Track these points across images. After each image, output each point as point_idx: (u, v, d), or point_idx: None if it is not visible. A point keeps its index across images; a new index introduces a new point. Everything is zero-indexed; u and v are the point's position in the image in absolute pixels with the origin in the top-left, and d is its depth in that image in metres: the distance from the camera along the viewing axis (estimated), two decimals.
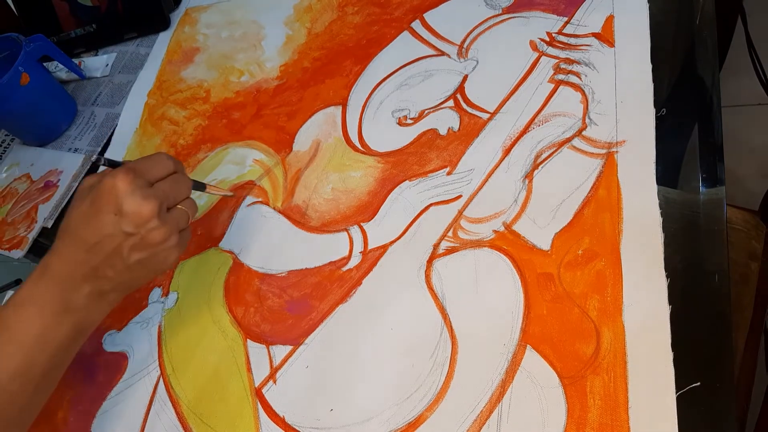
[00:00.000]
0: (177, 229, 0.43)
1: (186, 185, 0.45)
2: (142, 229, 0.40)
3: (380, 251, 0.50)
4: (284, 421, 0.45)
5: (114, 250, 0.41)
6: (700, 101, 0.48)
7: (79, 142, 0.74)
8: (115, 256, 0.41)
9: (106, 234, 0.40)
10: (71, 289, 0.41)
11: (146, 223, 0.40)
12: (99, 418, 0.50)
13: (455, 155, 0.53)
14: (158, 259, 0.43)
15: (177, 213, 0.43)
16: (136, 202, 0.40)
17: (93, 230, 0.40)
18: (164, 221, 0.41)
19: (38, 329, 0.40)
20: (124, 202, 0.40)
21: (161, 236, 0.41)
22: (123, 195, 0.40)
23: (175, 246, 0.43)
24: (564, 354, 0.40)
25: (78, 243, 0.41)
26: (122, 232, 0.40)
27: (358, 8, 0.68)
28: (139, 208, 0.40)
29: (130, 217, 0.40)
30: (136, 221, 0.40)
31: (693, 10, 0.52)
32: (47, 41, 0.71)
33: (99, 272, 0.41)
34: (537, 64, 0.55)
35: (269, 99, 0.66)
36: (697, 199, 0.43)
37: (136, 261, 0.42)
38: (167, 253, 0.43)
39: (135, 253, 0.41)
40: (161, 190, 0.42)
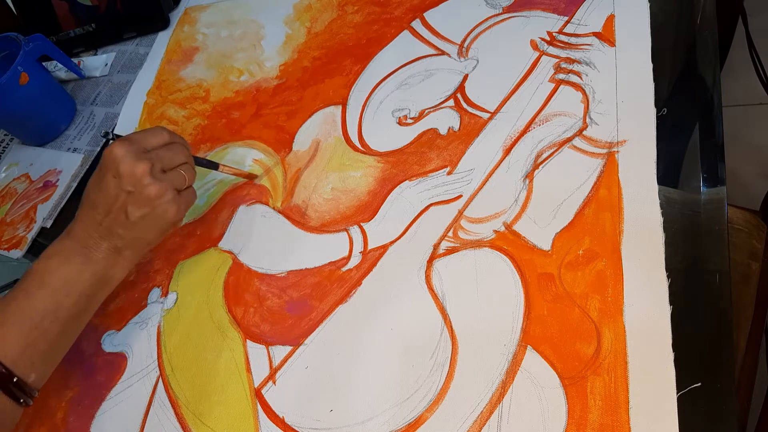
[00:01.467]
0: (172, 186, 0.48)
1: (182, 153, 0.50)
2: (138, 185, 0.46)
3: (380, 251, 0.50)
4: (284, 422, 0.45)
5: (119, 208, 0.47)
6: (701, 101, 0.47)
7: (78, 142, 0.74)
8: (120, 213, 0.47)
9: (111, 194, 0.46)
10: (90, 246, 0.47)
11: (141, 180, 0.46)
12: (98, 418, 0.50)
13: (455, 155, 0.53)
14: (158, 213, 0.47)
15: (172, 173, 0.49)
16: (129, 163, 0.45)
17: (100, 193, 0.47)
18: (158, 178, 0.47)
19: (64, 276, 0.46)
20: (120, 165, 0.46)
21: (156, 191, 0.46)
22: (119, 159, 0.46)
23: (172, 201, 0.48)
24: (564, 354, 0.40)
25: (91, 206, 0.47)
26: (123, 191, 0.46)
27: (358, 7, 0.68)
28: (133, 167, 0.45)
29: (126, 177, 0.46)
30: (131, 180, 0.46)
31: (694, 10, 0.52)
32: (46, 41, 0.71)
33: (111, 230, 0.47)
34: (537, 64, 0.55)
35: (269, 98, 0.65)
36: (698, 199, 0.43)
37: (139, 217, 0.47)
38: (165, 207, 0.47)
39: (136, 209, 0.46)
40: (154, 154, 0.48)
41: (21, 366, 0.43)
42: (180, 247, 0.58)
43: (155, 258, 0.58)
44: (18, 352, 0.43)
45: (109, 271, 0.48)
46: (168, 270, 0.57)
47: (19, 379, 0.43)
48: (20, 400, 0.43)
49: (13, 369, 0.43)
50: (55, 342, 0.46)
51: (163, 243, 0.58)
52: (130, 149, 0.46)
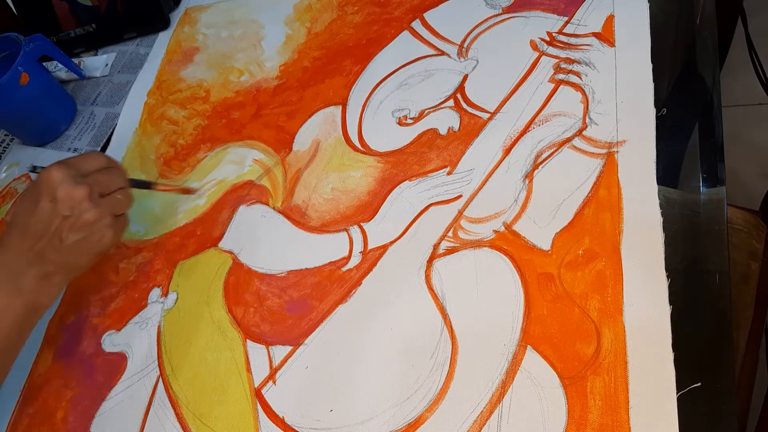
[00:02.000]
0: (110, 211, 0.47)
1: (120, 177, 0.50)
2: (76, 210, 0.45)
3: (380, 251, 0.50)
4: (284, 422, 0.45)
5: (53, 232, 0.45)
6: (701, 101, 0.47)
7: (78, 142, 0.74)
8: (54, 238, 0.45)
9: (45, 219, 0.45)
10: (19, 274, 0.46)
11: (79, 204, 0.45)
12: (98, 418, 0.50)
13: (455, 155, 0.53)
14: (94, 239, 0.47)
15: (110, 198, 0.48)
16: (68, 187, 0.45)
17: (34, 218, 0.45)
18: (96, 203, 0.46)
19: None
20: (58, 189, 0.45)
21: (93, 216, 0.46)
22: (56, 183, 0.45)
23: (109, 226, 0.47)
24: (564, 354, 0.40)
25: (22, 232, 0.46)
26: (59, 216, 0.45)
27: (358, 8, 0.68)
28: (70, 191, 0.45)
29: (64, 201, 0.45)
30: (69, 204, 0.45)
31: (693, 10, 0.52)
32: (47, 41, 0.71)
33: (42, 256, 0.46)
34: (537, 64, 0.55)
35: (269, 99, 0.65)
36: (698, 199, 0.43)
37: (75, 241, 0.46)
38: (102, 232, 0.47)
39: (72, 234, 0.46)
40: (92, 178, 0.47)
41: None
42: (180, 247, 0.58)
43: (155, 258, 0.58)
44: None
45: (38, 299, 0.46)
46: (168, 270, 0.57)
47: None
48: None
49: None
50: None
51: (163, 243, 0.58)
52: (68, 173, 0.45)
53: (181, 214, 0.60)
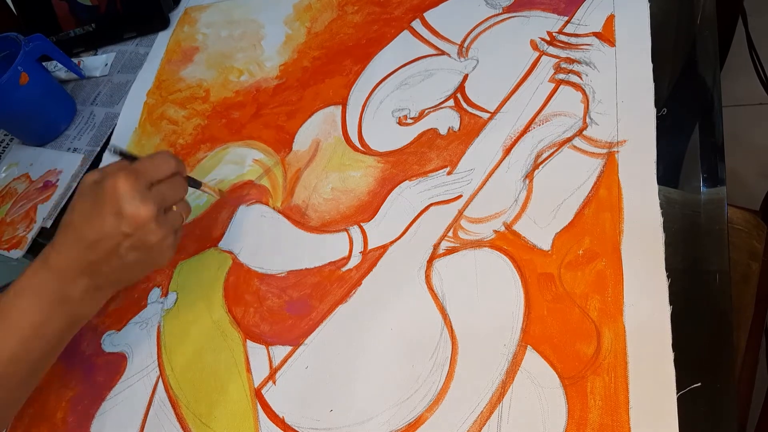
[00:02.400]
0: (172, 230, 0.46)
1: (183, 188, 0.48)
2: (140, 231, 0.43)
3: (380, 251, 0.50)
4: (284, 422, 0.45)
5: (112, 248, 0.43)
6: (701, 101, 0.47)
7: (78, 142, 0.74)
8: (112, 255, 0.43)
9: (106, 233, 0.42)
10: (69, 283, 0.43)
11: (144, 225, 0.42)
12: (98, 418, 0.50)
13: (455, 155, 0.53)
14: (153, 257, 0.45)
15: (173, 215, 0.46)
16: (135, 205, 0.42)
17: (93, 229, 0.42)
18: (161, 224, 0.44)
19: (36, 319, 0.42)
20: (124, 205, 0.42)
21: (157, 238, 0.44)
22: (123, 197, 0.42)
23: (171, 246, 0.46)
24: (564, 354, 0.40)
25: (78, 239, 0.43)
26: (121, 233, 0.42)
27: (358, 7, 0.68)
28: (137, 210, 0.42)
29: (128, 220, 0.42)
30: (134, 223, 0.42)
31: (694, 10, 0.52)
32: (46, 41, 0.71)
33: (96, 268, 0.43)
34: (537, 64, 0.55)
35: (269, 98, 0.65)
36: (698, 199, 0.43)
37: (133, 260, 0.44)
38: (162, 252, 0.45)
39: (132, 253, 0.43)
40: (159, 193, 0.44)
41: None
42: (180, 247, 0.57)
43: None
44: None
45: (83, 310, 0.45)
46: (168, 270, 0.57)
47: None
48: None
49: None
50: (20, 386, 0.43)
51: None
52: (136, 187, 0.42)
53: None
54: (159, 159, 0.45)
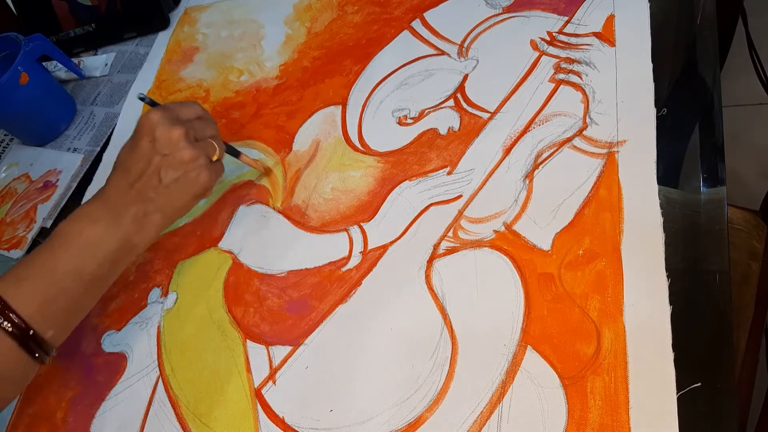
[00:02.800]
0: (204, 153, 0.49)
1: (212, 125, 0.52)
2: (173, 149, 0.47)
3: (380, 251, 0.50)
4: (284, 422, 0.45)
5: (152, 171, 0.48)
6: (701, 101, 0.47)
7: (78, 142, 0.74)
8: (153, 176, 0.48)
9: (144, 158, 0.48)
10: (119, 210, 0.47)
11: (176, 144, 0.47)
12: (98, 418, 0.50)
13: (455, 155, 0.53)
14: (191, 177, 0.49)
15: (204, 142, 0.50)
16: (166, 128, 0.47)
17: (134, 157, 0.48)
18: (191, 144, 0.48)
19: (90, 237, 0.46)
20: (156, 130, 0.47)
21: (190, 155, 0.48)
22: (155, 124, 0.47)
23: (204, 166, 0.49)
24: (564, 354, 0.40)
25: (124, 171, 0.48)
26: (157, 154, 0.47)
27: (358, 7, 0.68)
28: (169, 133, 0.47)
29: (162, 141, 0.47)
30: (167, 144, 0.47)
31: (694, 10, 0.52)
32: (46, 41, 0.71)
33: (142, 194, 0.48)
34: (537, 64, 0.55)
35: (269, 98, 0.65)
36: (698, 199, 0.43)
37: (172, 180, 0.48)
38: (198, 172, 0.49)
39: (170, 172, 0.48)
40: (189, 122, 0.49)
41: (38, 321, 0.43)
42: (180, 247, 0.58)
43: (155, 258, 0.58)
44: (36, 307, 0.43)
45: (134, 237, 0.48)
46: (168, 270, 0.57)
47: (36, 333, 0.43)
48: (36, 355, 0.43)
49: (31, 323, 0.43)
50: (76, 302, 0.46)
51: (163, 243, 0.58)
52: (166, 115, 0.48)
53: None
54: (187, 102, 0.52)
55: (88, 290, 0.47)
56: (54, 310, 0.44)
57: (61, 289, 0.45)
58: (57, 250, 0.45)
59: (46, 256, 0.45)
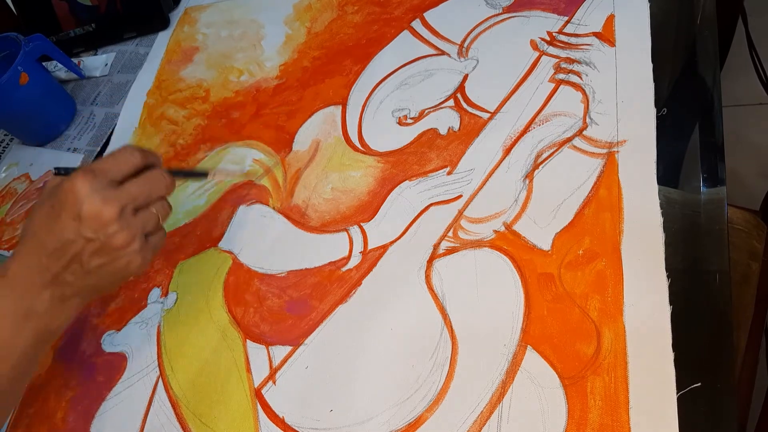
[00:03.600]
0: (141, 232, 0.41)
1: (159, 182, 0.43)
2: (101, 233, 0.39)
3: (380, 251, 0.50)
4: (284, 422, 0.45)
5: (74, 256, 0.40)
6: (701, 101, 0.47)
7: (78, 142, 0.74)
8: (74, 262, 0.40)
9: (66, 240, 0.39)
10: (32, 296, 0.40)
11: (105, 227, 0.39)
12: (98, 418, 0.50)
13: (455, 155, 0.53)
14: (119, 264, 0.41)
15: (143, 216, 0.42)
16: (94, 205, 0.38)
17: (53, 235, 0.39)
18: (125, 225, 0.40)
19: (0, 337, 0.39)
20: (83, 206, 0.38)
21: (121, 241, 0.40)
22: (81, 198, 0.38)
23: (138, 251, 0.41)
24: (564, 354, 0.40)
25: (38, 248, 0.40)
26: (82, 237, 0.39)
27: (358, 7, 0.68)
28: (98, 211, 0.38)
29: (88, 222, 0.39)
30: (94, 226, 0.39)
31: (694, 10, 0.52)
32: (46, 41, 0.71)
33: (59, 278, 0.40)
34: (537, 64, 0.55)
35: (269, 98, 0.65)
36: (698, 199, 0.43)
37: (97, 266, 0.40)
38: (129, 258, 0.41)
39: (95, 259, 0.40)
40: (125, 191, 0.40)
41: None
42: (180, 247, 0.58)
43: (155, 258, 0.58)
44: None
45: (51, 323, 0.41)
46: (168, 270, 0.57)
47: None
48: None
49: None
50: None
51: None
52: (96, 186, 0.39)
53: (181, 214, 0.60)
54: (119, 154, 0.41)
55: (5, 395, 0.41)
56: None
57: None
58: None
59: None
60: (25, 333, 0.40)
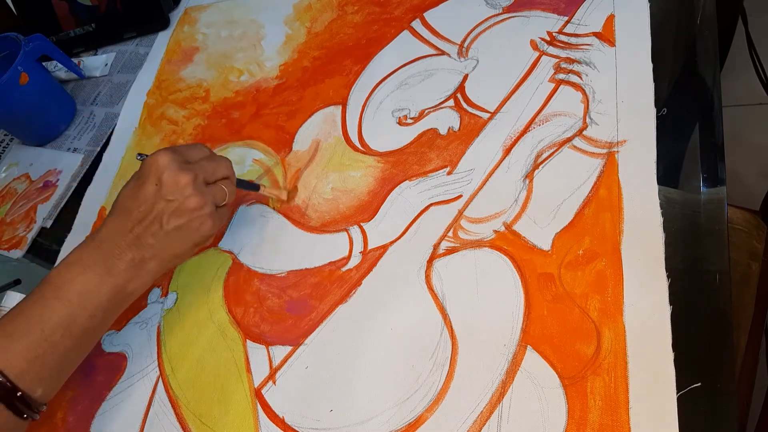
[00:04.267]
0: (212, 200, 0.47)
1: (225, 167, 0.49)
2: (179, 195, 0.45)
3: (380, 251, 0.50)
4: (284, 422, 0.45)
5: (155, 217, 0.45)
6: (701, 101, 0.47)
7: (78, 142, 0.74)
8: (155, 223, 0.45)
9: (148, 202, 0.45)
10: (114, 255, 0.45)
11: (182, 190, 0.45)
12: (98, 418, 0.50)
13: (455, 155, 0.53)
14: (193, 226, 0.47)
15: (214, 187, 0.48)
16: (173, 172, 0.45)
17: (137, 201, 0.46)
18: (199, 191, 0.46)
19: (82, 287, 0.44)
20: (164, 173, 0.45)
21: (196, 203, 0.46)
22: (162, 167, 0.45)
23: (209, 215, 0.47)
24: (564, 354, 0.40)
25: (124, 214, 0.46)
26: (162, 200, 0.45)
27: (358, 7, 0.68)
28: (176, 177, 0.45)
29: (168, 186, 0.45)
30: (173, 189, 0.45)
31: (694, 10, 0.52)
32: (46, 41, 0.71)
33: (141, 240, 0.46)
34: (537, 64, 0.55)
35: (269, 98, 0.65)
36: (698, 199, 0.43)
37: (174, 227, 0.46)
38: (201, 221, 0.47)
39: (173, 220, 0.46)
40: (198, 165, 0.47)
41: (27, 379, 0.41)
42: None
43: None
44: (25, 365, 0.41)
45: (129, 285, 0.46)
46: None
47: (24, 393, 0.41)
48: (23, 416, 0.41)
49: (18, 383, 0.40)
50: (66, 357, 0.43)
51: None
52: (175, 158, 0.46)
53: None
54: (195, 144, 0.50)
55: (78, 343, 0.44)
56: (43, 367, 0.42)
57: (50, 344, 0.42)
58: (47, 301, 0.43)
59: (35, 309, 0.42)
60: (105, 287, 0.44)
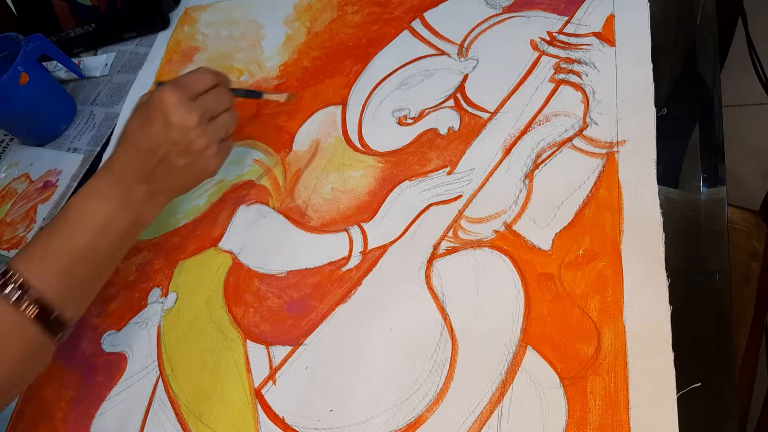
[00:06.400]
0: (216, 138, 0.50)
1: (227, 97, 0.52)
2: (186, 137, 0.47)
3: (380, 251, 0.50)
4: (284, 422, 0.45)
5: (164, 155, 0.48)
6: (701, 101, 0.47)
7: (78, 142, 0.74)
8: (164, 161, 0.48)
9: (155, 140, 0.47)
10: (130, 187, 0.48)
11: (189, 132, 0.47)
12: (98, 418, 0.50)
13: (455, 155, 0.53)
14: (200, 165, 0.50)
15: (217, 123, 0.50)
16: (180, 114, 0.47)
17: (146, 138, 0.48)
18: (204, 131, 0.48)
19: (103, 217, 0.46)
20: (171, 114, 0.47)
21: (202, 144, 0.48)
22: (170, 108, 0.47)
23: (215, 154, 0.50)
24: (564, 354, 0.40)
25: (134, 149, 0.48)
26: (169, 140, 0.47)
27: (358, 7, 0.68)
28: (184, 119, 0.47)
29: (175, 127, 0.47)
30: (180, 130, 0.47)
31: (694, 10, 0.52)
32: (46, 41, 0.71)
33: (151, 175, 0.48)
34: (537, 64, 0.55)
35: None
36: (698, 199, 0.43)
37: (182, 166, 0.48)
38: (207, 159, 0.50)
39: (180, 159, 0.48)
40: (202, 102, 0.49)
41: (60, 302, 0.43)
42: (180, 247, 0.58)
43: (155, 258, 0.58)
44: (59, 287, 0.43)
45: (143, 215, 0.49)
46: (168, 270, 0.57)
47: (59, 314, 0.43)
48: (57, 336, 0.43)
49: (53, 305, 0.43)
50: (92, 281, 0.47)
51: (163, 243, 0.59)
52: (182, 97, 0.47)
53: (180, 214, 0.60)
54: (198, 72, 0.51)
55: (102, 268, 0.48)
56: (74, 289, 0.45)
57: (79, 268, 0.45)
58: (74, 229, 0.45)
59: (64, 235, 0.45)
60: (123, 217, 0.47)
